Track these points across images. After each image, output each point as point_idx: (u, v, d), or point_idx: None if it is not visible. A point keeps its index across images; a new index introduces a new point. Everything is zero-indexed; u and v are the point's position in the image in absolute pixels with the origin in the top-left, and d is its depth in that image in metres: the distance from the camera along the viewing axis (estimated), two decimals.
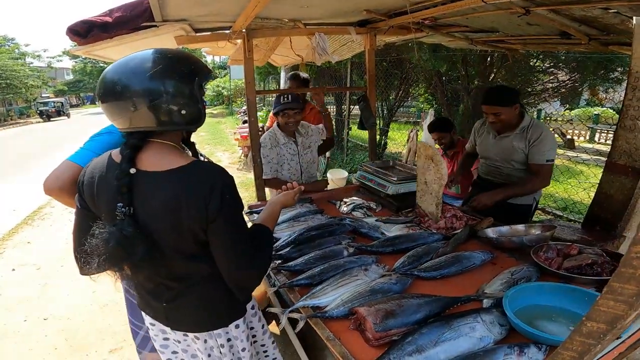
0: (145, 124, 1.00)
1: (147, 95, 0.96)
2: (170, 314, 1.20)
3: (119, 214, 1.00)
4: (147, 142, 1.06)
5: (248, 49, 2.42)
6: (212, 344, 1.25)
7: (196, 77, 1.04)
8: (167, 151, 1.07)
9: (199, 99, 1.05)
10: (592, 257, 1.44)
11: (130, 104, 0.97)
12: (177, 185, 1.01)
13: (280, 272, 1.60)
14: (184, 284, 1.15)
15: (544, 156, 2.20)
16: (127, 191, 1.00)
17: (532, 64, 5.76)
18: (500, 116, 2.22)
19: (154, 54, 1.00)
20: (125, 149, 1.03)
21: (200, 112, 1.07)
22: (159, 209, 1.01)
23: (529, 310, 1.17)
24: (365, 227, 1.94)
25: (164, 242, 1.05)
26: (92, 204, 1.09)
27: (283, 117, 2.52)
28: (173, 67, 1.00)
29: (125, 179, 1.00)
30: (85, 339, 2.78)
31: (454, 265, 1.51)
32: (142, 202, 1.02)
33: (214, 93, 25.76)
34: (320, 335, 1.17)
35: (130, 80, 0.96)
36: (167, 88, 0.97)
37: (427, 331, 1.04)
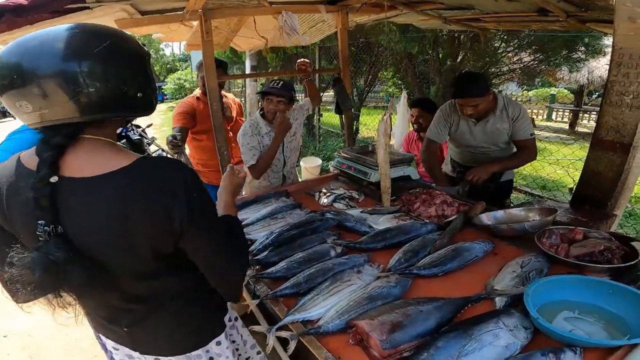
0: (64, 115, 0.75)
1: (65, 78, 0.72)
2: (135, 338, 0.99)
3: (42, 235, 0.76)
4: (76, 139, 0.80)
5: (206, 30, 2.14)
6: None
7: (134, 52, 0.82)
8: (102, 149, 0.82)
9: (146, 79, 0.83)
10: (603, 242, 1.33)
11: (39, 92, 0.72)
12: (122, 193, 0.78)
13: (260, 280, 1.39)
14: (148, 306, 0.94)
15: (527, 131, 2.19)
16: (49, 205, 0.76)
17: (498, 45, 5.80)
18: (479, 107, 2.13)
19: (71, 28, 0.75)
20: (46, 150, 0.77)
21: (148, 93, 0.84)
22: (99, 224, 0.78)
23: (550, 307, 1.04)
24: (351, 221, 1.75)
25: (112, 261, 0.83)
26: (3, 221, 0.84)
27: (266, 102, 2.26)
28: (101, 41, 0.76)
29: (45, 189, 0.75)
30: (52, 356, 2.50)
31: (455, 259, 1.36)
32: (73, 217, 0.78)
33: (176, 86, 24.68)
34: (316, 355, 0.98)
35: (39, 61, 0.71)
36: (96, 69, 0.74)
37: (444, 344, 0.88)
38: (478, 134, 2.29)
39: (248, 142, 2.28)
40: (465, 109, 2.16)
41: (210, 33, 2.17)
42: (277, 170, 2.49)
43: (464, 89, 2.13)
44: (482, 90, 2.09)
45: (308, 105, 2.59)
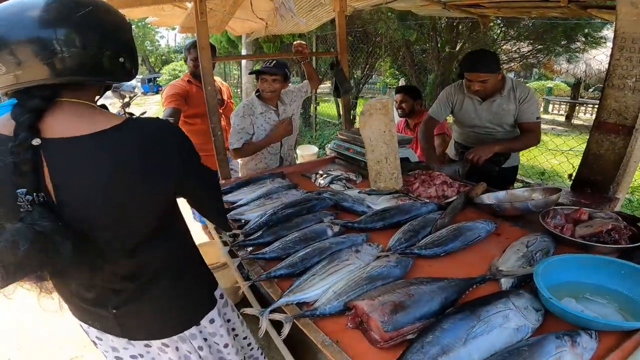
0: (39, 75, 0.71)
1: (41, 41, 0.69)
2: (123, 321, 0.94)
3: (23, 204, 0.70)
4: (54, 102, 0.76)
5: (201, 11, 2.05)
6: (187, 348, 1.03)
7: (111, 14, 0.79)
8: (86, 111, 0.79)
9: (121, 38, 0.80)
10: (610, 222, 1.27)
11: (12, 56, 0.68)
12: (117, 148, 0.76)
13: (254, 261, 1.32)
14: (135, 284, 0.90)
15: (534, 114, 2.14)
16: (30, 170, 0.70)
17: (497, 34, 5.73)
18: (486, 83, 2.08)
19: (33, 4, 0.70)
20: (22, 114, 0.72)
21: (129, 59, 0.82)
22: (92, 187, 0.74)
23: (560, 289, 0.97)
24: (349, 201, 1.69)
25: (101, 232, 0.79)
26: None
27: (260, 82, 2.23)
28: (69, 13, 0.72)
29: (26, 153, 0.70)
30: (41, 347, 2.42)
31: (458, 239, 1.29)
32: (60, 182, 0.73)
33: (171, 77, 24.42)
34: (312, 340, 0.92)
35: (13, 24, 0.68)
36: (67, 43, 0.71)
37: (450, 326, 0.81)
38: (483, 113, 2.23)
39: (238, 123, 2.24)
40: (473, 84, 2.10)
41: (205, 14, 2.08)
42: (274, 152, 2.43)
43: (474, 63, 2.08)
44: (492, 67, 2.05)
45: (307, 87, 2.54)
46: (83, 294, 0.92)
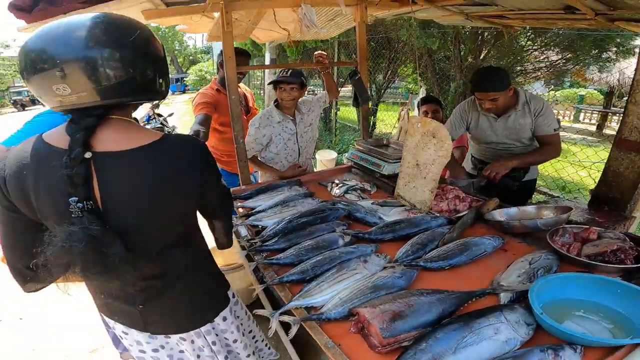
0: (91, 99, 0.80)
1: (86, 64, 0.77)
2: (148, 317, 1.04)
3: (75, 211, 0.79)
4: (104, 119, 0.86)
5: (227, 21, 2.17)
6: (201, 343, 1.13)
7: (151, 42, 0.88)
8: (130, 128, 0.90)
9: (159, 63, 0.90)
10: (616, 242, 1.29)
11: (62, 76, 0.76)
12: (159, 161, 0.87)
13: (269, 266, 1.41)
14: (161, 282, 1.00)
15: (551, 126, 2.13)
16: (82, 181, 0.80)
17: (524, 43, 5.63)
18: (497, 101, 2.09)
19: (98, 18, 0.80)
20: (77, 131, 0.81)
21: (163, 78, 0.92)
22: (136, 194, 0.85)
23: (556, 305, 1.02)
24: (361, 212, 1.76)
25: (140, 235, 0.89)
26: (24, 205, 0.85)
27: (279, 92, 2.33)
28: (125, 32, 0.82)
29: (80, 167, 0.79)
30: (64, 339, 2.59)
31: (463, 253, 1.35)
32: (108, 191, 0.83)
33: (197, 77, 25.09)
34: (317, 341, 1.00)
35: (62, 47, 0.76)
36: (113, 52, 0.79)
37: (443, 335, 0.88)
38: (499, 130, 2.24)
39: (252, 133, 2.36)
40: (484, 103, 2.12)
41: (231, 24, 2.19)
42: (292, 160, 2.52)
43: (483, 83, 2.10)
44: (501, 85, 2.06)
45: (325, 98, 2.62)
46: (113, 292, 1.02)
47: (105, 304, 1.08)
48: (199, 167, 0.94)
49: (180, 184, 0.90)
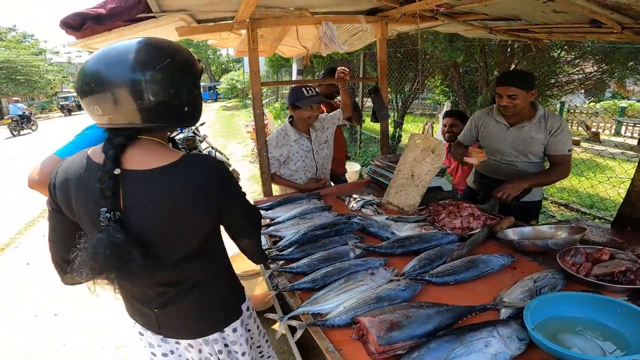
0: (129, 120, 0.90)
1: (132, 89, 0.86)
2: (162, 321, 1.13)
3: (103, 220, 0.90)
4: (134, 139, 0.97)
5: (252, 39, 2.32)
6: (209, 351, 1.19)
7: (189, 71, 0.96)
8: (155, 148, 0.99)
9: (193, 94, 0.98)
10: (626, 263, 1.29)
11: (112, 99, 0.87)
12: (171, 183, 0.94)
13: (283, 274, 1.50)
14: (176, 289, 1.09)
15: (566, 146, 2.12)
16: (111, 195, 0.91)
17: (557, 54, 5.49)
18: (516, 100, 2.07)
19: (141, 43, 0.89)
20: (110, 148, 0.93)
21: (194, 109, 0.99)
22: (153, 210, 0.94)
23: (553, 323, 1.04)
24: (375, 226, 1.82)
25: (157, 246, 0.98)
26: (67, 208, 0.99)
27: (309, 111, 2.40)
28: (163, 59, 0.90)
29: (110, 181, 0.90)
30: (93, 335, 2.77)
31: (470, 270, 1.38)
32: (131, 205, 0.94)
33: (228, 86, 25.91)
34: (319, 345, 1.07)
35: (113, 72, 0.86)
36: (154, 82, 0.88)
37: (435, 346, 0.93)
38: (509, 139, 2.23)
39: (271, 152, 2.45)
40: (502, 99, 2.10)
41: (256, 41, 2.33)
42: (310, 175, 2.61)
43: (506, 77, 2.12)
44: (524, 84, 2.04)
45: (339, 116, 2.70)
46: (134, 294, 1.12)
47: (129, 304, 1.19)
48: (214, 187, 0.98)
49: (195, 203, 0.96)
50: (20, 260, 4.13)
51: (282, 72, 12.73)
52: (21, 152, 11.54)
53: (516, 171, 2.27)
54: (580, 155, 6.52)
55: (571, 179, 5.59)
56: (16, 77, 24.11)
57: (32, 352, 2.63)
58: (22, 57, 24.88)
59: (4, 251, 4.42)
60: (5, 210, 6.00)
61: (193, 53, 1.01)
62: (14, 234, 4.94)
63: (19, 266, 4.01)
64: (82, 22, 1.70)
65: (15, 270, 3.94)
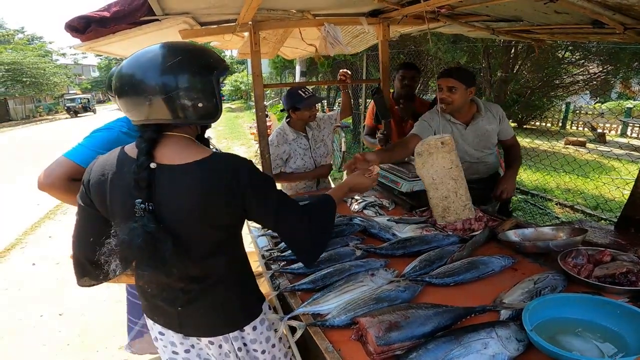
0: (160, 116, 0.97)
1: (162, 89, 0.93)
2: (183, 319, 1.15)
3: (138, 211, 0.95)
4: (163, 135, 1.02)
5: (255, 41, 2.33)
6: (228, 348, 1.20)
7: (214, 71, 1.01)
8: (185, 144, 1.04)
9: (216, 93, 1.02)
10: (627, 265, 1.29)
11: (145, 98, 0.94)
12: (201, 178, 0.99)
13: (284, 274, 1.51)
14: (200, 286, 1.11)
15: (510, 129, 2.30)
16: (146, 186, 0.95)
17: (561, 55, 5.47)
18: (455, 93, 2.08)
19: (170, 47, 0.98)
20: (142, 143, 0.98)
21: (216, 106, 1.04)
22: (184, 203, 0.98)
23: (552, 324, 1.04)
24: (376, 228, 1.83)
25: (187, 239, 1.02)
26: (101, 203, 1.03)
27: (309, 111, 2.51)
28: (190, 60, 0.97)
29: (144, 172, 0.95)
30: (97, 335, 2.80)
31: (470, 271, 1.38)
32: (164, 197, 0.98)
33: (232, 88, 26.00)
34: (319, 345, 1.08)
35: (146, 74, 0.94)
36: (182, 82, 0.95)
37: (433, 347, 0.93)
38: (470, 138, 2.23)
39: (273, 151, 2.51)
40: (442, 91, 2.11)
41: (259, 44, 2.35)
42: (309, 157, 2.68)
43: (447, 70, 2.16)
44: (465, 79, 2.07)
45: (336, 116, 2.81)
46: (157, 292, 1.14)
47: (148, 304, 1.20)
48: (241, 185, 1.01)
49: (222, 199, 1.00)
50: (27, 261, 4.17)
51: (286, 73, 12.77)
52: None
53: (485, 166, 2.33)
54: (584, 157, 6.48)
55: (576, 180, 5.57)
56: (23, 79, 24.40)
57: (37, 352, 2.66)
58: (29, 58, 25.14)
59: (9, 252, 4.47)
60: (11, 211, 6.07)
61: None
62: (21, 234, 5.00)
63: (25, 266, 4.05)
64: (87, 25, 1.72)
65: (21, 270, 3.98)
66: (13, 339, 2.82)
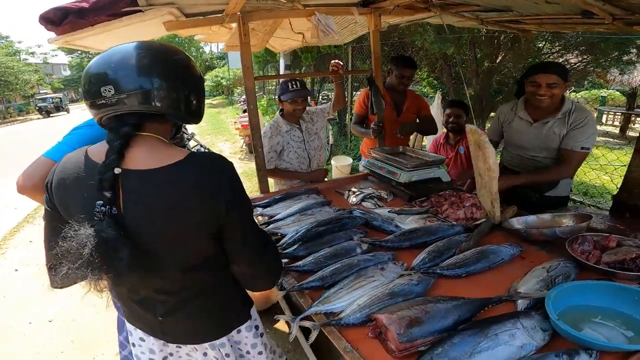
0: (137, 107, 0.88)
1: (137, 92, 0.86)
2: (166, 327, 1.08)
3: (98, 214, 0.84)
4: (136, 135, 0.91)
5: (244, 32, 2.24)
6: (215, 355, 1.14)
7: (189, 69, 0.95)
8: (158, 146, 0.94)
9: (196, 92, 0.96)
10: (635, 250, 1.29)
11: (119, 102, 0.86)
12: (178, 182, 0.88)
13: (288, 273, 1.46)
14: (181, 297, 1.03)
15: (579, 143, 1.95)
16: (109, 188, 0.85)
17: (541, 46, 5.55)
18: (555, 89, 1.93)
19: (141, 47, 0.89)
20: (115, 139, 0.88)
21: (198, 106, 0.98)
22: (155, 211, 0.88)
23: (572, 312, 1.03)
24: (378, 220, 1.79)
25: (157, 250, 0.91)
26: (62, 207, 0.94)
27: (292, 104, 2.45)
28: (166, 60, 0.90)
29: (109, 174, 0.85)
30: (92, 341, 2.69)
31: (480, 261, 1.36)
32: (131, 204, 0.88)
33: (213, 83, 25.54)
34: (336, 346, 1.04)
35: (118, 76, 0.86)
36: (159, 82, 0.88)
37: (459, 340, 0.90)
38: (531, 135, 2.13)
39: (267, 143, 2.47)
40: (540, 88, 1.95)
41: (248, 35, 2.26)
42: (305, 168, 2.63)
43: (546, 65, 2.02)
44: (563, 74, 1.94)
45: (329, 109, 2.77)
46: (136, 299, 1.06)
47: (129, 310, 1.12)
48: (224, 188, 0.92)
49: (203, 204, 0.89)
50: (8, 267, 3.99)
51: (268, 67, 12.59)
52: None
53: (538, 165, 2.17)
54: None
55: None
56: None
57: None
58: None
59: None
60: None
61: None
62: (0, 239, 4.78)
63: (7, 273, 3.87)
64: (64, 16, 1.60)
65: (3, 276, 3.81)
66: (4, 347, 2.69)
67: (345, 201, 2.21)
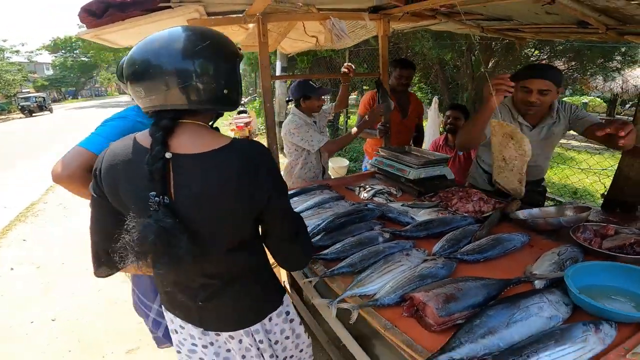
0: (177, 101, 0.90)
1: (180, 75, 0.87)
2: (204, 313, 1.13)
3: (152, 204, 0.87)
4: (178, 123, 0.95)
5: (263, 33, 2.33)
6: (249, 342, 1.19)
7: (237, 57, 0.97)
8: (202, 132, 0.97)
9: (236, 79, 0.98)
10: (634, 236, 1.44)
11: (163, 84, 0.87)
12: (223, 167, 0.91)
13: (316, 261, 1.55)
14: (222, 281, 1.09)
15: (592, 117, 1.95)
16: (160, 178, 0.88)
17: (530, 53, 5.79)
18: (546, 96, 1.88)
19: (187, 31, 0.90)
20: (157, 131, 0.90)
21: (238, 92, 0.99)
22: (203, 195, 0.91)
23: (587, 290, 1.15)
24: (394, 212, 1.90)
25: (206, 233, 0.96)
26: (112, 194, 0.96)
27: (318, 100, 2.65)
28: (218, 46, 0.92)
29: (158, 163, 0.88)
30: (99, 340, 2.68)
31: (496, 247, 1.49)
32: (180, 189, 0.92)
33: None
34: (375, 324, 1.13)
35: (163, 59, 0.87)
36: (202, 67, 0.89)
37: (494, 313, 1.01)
38: (533, 141, 1.97)
39: (307, 130, 2.63)
40: (531, 95, 1.89)
41: (267, 35, 2.35)
42: (317, 161, 2.77)
43: (538, 69, 1.92)
44: (557, 79, 1.87)
45: (330, 110, 2.93)
46: (179, 286, 1.11)
47: (168, 297, 1.17)
48: (264, 171, 0.96)
49: (247, 188, 0.93)
50: (3, 266, 3.94)
51: None
52: None
53: (537, 169, 2.20)
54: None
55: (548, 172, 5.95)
56: None
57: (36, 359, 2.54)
58: None
59: None
60: None
61: None
62: None
63: (3, 272, 3.82)
64: (106, 8, 1.66)
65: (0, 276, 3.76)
66: (7, 347, 2.65)
67: (356, 197, 2.31)
